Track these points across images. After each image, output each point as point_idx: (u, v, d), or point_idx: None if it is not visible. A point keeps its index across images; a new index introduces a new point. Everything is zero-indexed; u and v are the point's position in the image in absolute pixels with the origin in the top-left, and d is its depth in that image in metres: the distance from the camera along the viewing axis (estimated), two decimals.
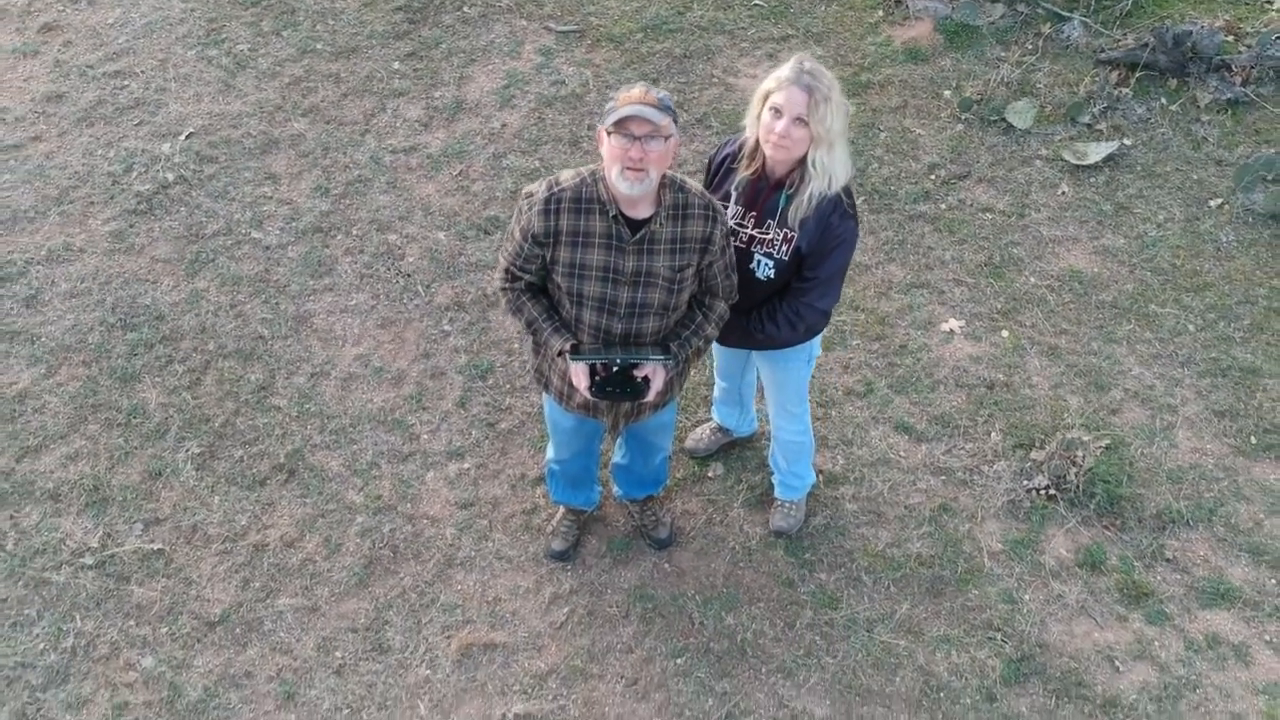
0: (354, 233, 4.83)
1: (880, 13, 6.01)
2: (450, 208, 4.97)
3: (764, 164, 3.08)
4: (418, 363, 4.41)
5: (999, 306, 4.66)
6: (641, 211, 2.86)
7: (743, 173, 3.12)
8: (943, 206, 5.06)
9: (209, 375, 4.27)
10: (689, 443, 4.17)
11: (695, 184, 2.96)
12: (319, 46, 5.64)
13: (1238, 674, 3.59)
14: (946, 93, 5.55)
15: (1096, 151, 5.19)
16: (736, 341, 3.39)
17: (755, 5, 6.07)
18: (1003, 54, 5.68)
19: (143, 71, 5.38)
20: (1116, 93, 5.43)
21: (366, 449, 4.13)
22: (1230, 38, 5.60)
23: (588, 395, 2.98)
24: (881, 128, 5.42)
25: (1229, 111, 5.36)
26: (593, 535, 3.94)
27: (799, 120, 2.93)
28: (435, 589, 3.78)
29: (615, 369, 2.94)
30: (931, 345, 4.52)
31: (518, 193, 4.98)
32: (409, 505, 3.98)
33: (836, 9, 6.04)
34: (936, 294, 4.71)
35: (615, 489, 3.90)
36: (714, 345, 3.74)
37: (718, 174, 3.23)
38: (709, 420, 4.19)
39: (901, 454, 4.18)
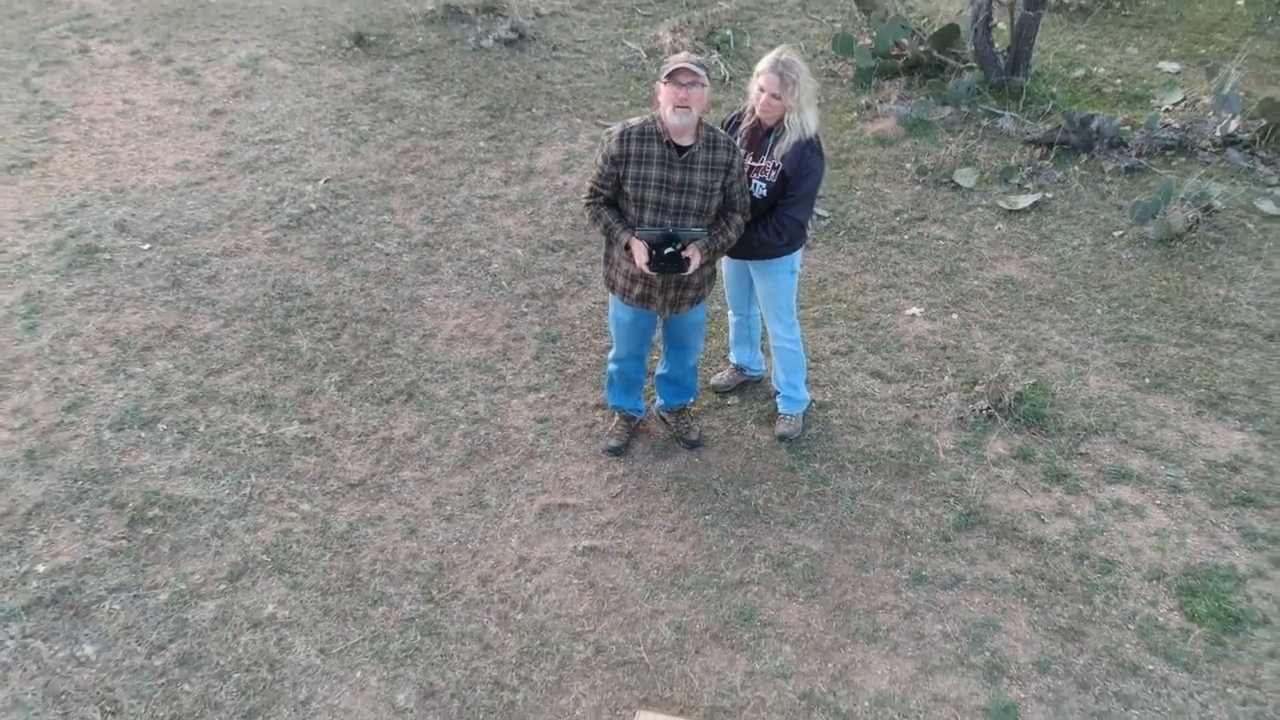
0: (452, 247, 5.95)
1: (855, 114, 7.31)
2: (525, 234, 6.11)
3: (759, 119, 4.27)
4: (503, 330, 5.45)
5: (950, 299, 5.72)
6: (685, 140, 3.98)
7: (746, 123, 4.31)
8: (905, 237, 6.19)
9: (346, 332, 5.32)
10: (713, 380, 5.15)
11: (723, 131, 4.12)
12: (422, 130, 6.94)
13: (1135, 524, 4.46)
14: (908, 165, 6.77)
15: (1025, 200, 6.35)
16: (740, 251, 4.45)
17: None
18: (950, 139, 6.93)
19: (289, 140, 6.65)
20: (1039, 163, 6.64)
21: (466, 383, 5.12)
22: (1129, 128, 6.86)
23: (645, 269, 4.03)
24: (857, 189, 6.61)
25: (1127, 175, 6.55)
26: (639, 441, 4.87)
27: (774, 96, 4.13)
28: (520, 471, 4.70)
29: (667, 251, 4.01)
30: (898, 323, 5.56)
31: (577, 225, 6.16)
32: (499, 419, 4.94)
33: (822, 111, 7.34)
34: (901, 291, 5.78)
35: (657, 400, 4.87)
36: (724, 278, 4.81)
37: (729, 128, 4.40)
38: (727, 366, 5.19)
39: (876, 390, 5.15)
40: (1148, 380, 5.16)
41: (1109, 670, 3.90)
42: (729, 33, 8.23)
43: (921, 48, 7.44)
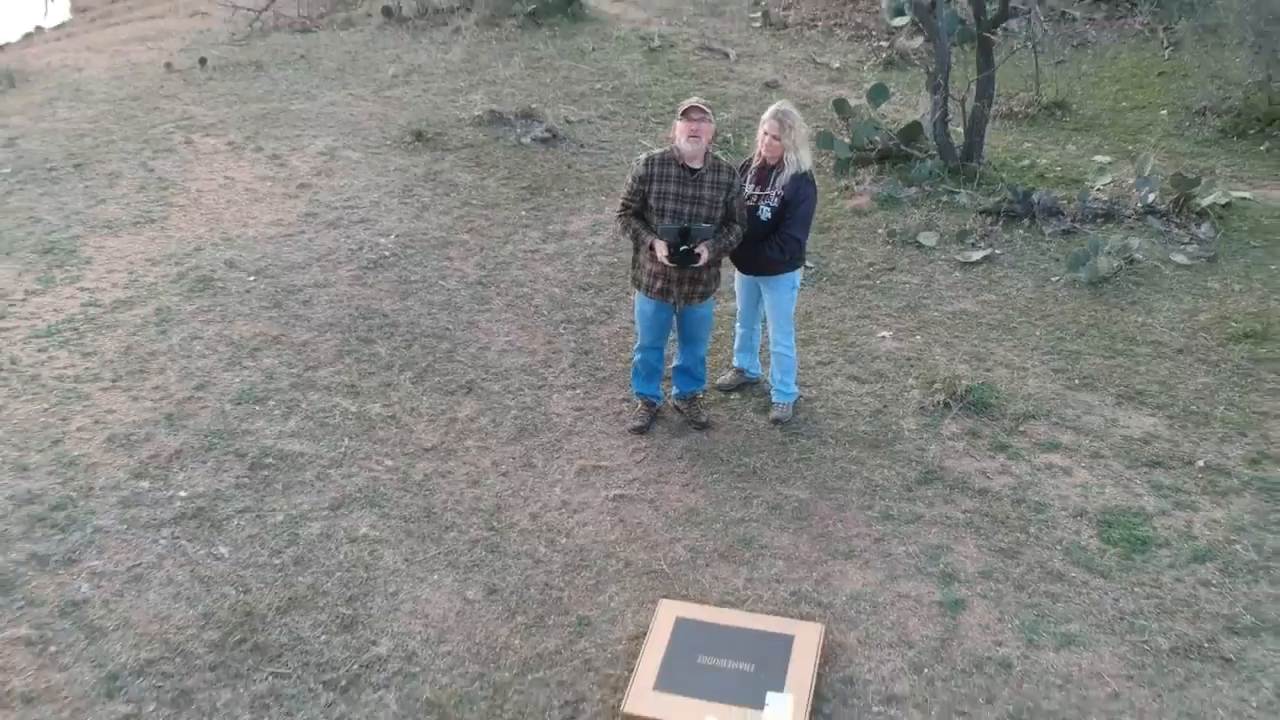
0: (501, 286, 6.97)
1: (836, 193, 8.43)
2: (561, 278, 7.13)
3: (765, 159, 5.33)
4: (544, 345, 6.40)
5: (914, 325, 6.68)
6: (696, 164, 5.03)
7: (755, 164, 5.37)
8: (878, 282, 7.19)
9: (416, 343, 6.27)
10: (719, 381, 6.06)
11: (725, 159, 5.19)
12: (473, 202, 8.05)
13: (1063, 479, 5.30)
14: (880, 230, 7.83)
15: (977, 255, 7.38)
16: (750, 266, 5.44)
17: None
18: (915, 210, 8.02)
19: (364, 206, 7.75)
20: (990, 228, 7.70)
21: (515, 382, 6.04)
22: (1066, 201, 7.96)
23: (665, 262, 5.02)
24: (838, 248, 7.66)
25: (1064, 236, 7.60)
26: (658, 424, 5.73)
27: (775, 138, 5.21)
28: (561, 443, 5.58)
29: (682, 248, 5.01)
30: (871, 342, 6.50)
31: (611, 268, 7.19)
32: (543, 407, 5.85)
33: None
34: (874, 320, 6.75)
35: (673, 390, 5.78)
36: (737, 295, 5.79)
37: (743, 169, 5.44)
38: (731, 369, 6.12)
39: (852, 389, 6.06)
40: (1077, 381, 6.08)
41: (1040, 577, 4.70)
42: (729, 136, 9.42)
43: (891, 141, 8.62)
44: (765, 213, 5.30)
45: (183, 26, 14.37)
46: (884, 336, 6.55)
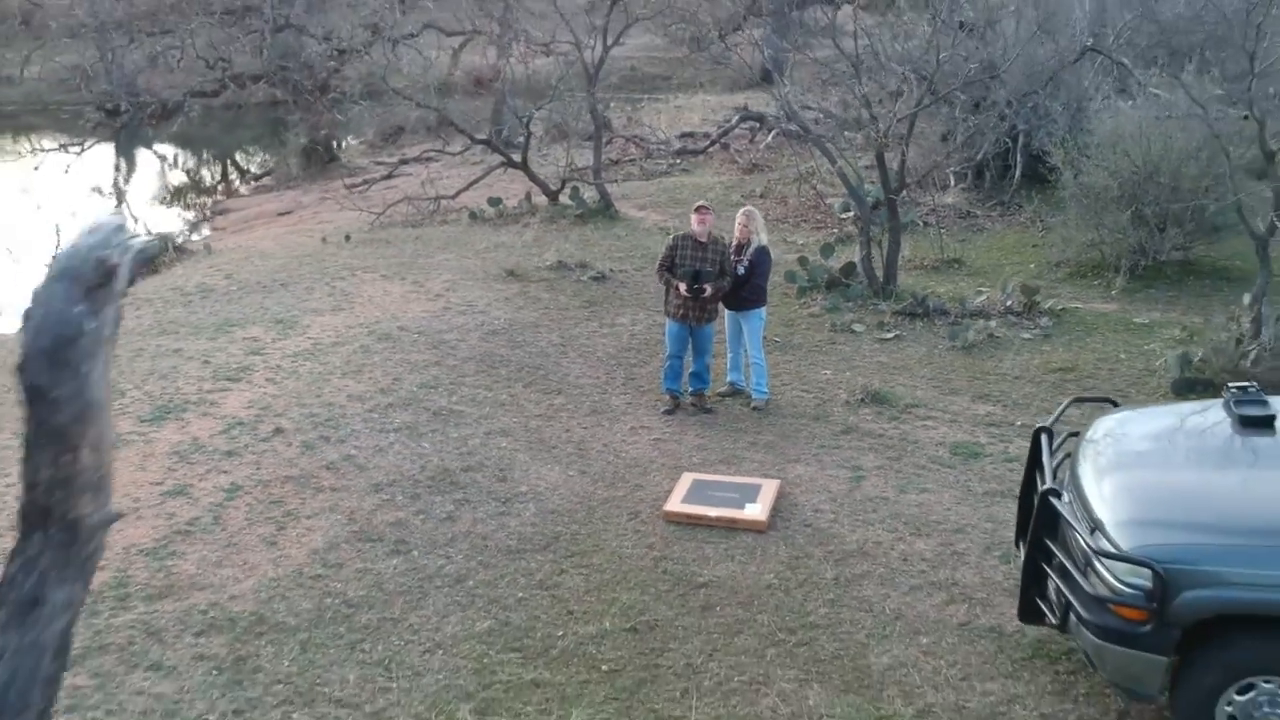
0: (574, 346, 9.76)
1: (797, 306, 11.38)
2: (613, 344, 9.94)
3: (738, 239, 8.32)
4: (604, 374, 9.12)
5: (845, 368, 9.40)
6: (702, 239, 7.96)
7: (734, 241, 8.36)
8: (823, 349, 9.96)
9: (524, 370, 9.02)
10: (718, 390, 8.77)
11: (722, 237, 8.18)
12: (551, 308, 11.00)
13: (932, 431, 7.89)
14: (826, 325, 10.70)
15: (890, 335, 10.22)
16: (733, 304, 8.30)
17: None
18: (851, 314, 10.95)
19: (480, 306, 10.64)
20: (899, 322, 10.57)
21: (587, 390, 8.74)
22: (953, 306, 10.87)
23: (685, 293, 7.89)
24: (797, 334, 10.47)
25: (949, 325, 10.47)
26: (679, 411, 8.43)
27: (744, 226, 8.24)
28: (619, 417, 8.22)
29: (695, 286, 7.90)
30: (817, 376, 9.24)
31: (646, 342, 10.04)
32: (606, 401, 8.51)
33: (775, 303, 11.40)
34: (820, 366, 9.48)
35: (689, 388, 8.50)
36: (727, 323, 8.62)
37: (729, 245, 8.43)
38: (726, 383, 8.85)
39: (803, 395, 8.74)
40: (947, 391, 8.78)
41: (912, 468, 7.24)
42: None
43: (834, 276, 11.66)
44: (741, 270, 8.23)
45: (316, 227, 17.82)
46: (826, 373, 9.30)
